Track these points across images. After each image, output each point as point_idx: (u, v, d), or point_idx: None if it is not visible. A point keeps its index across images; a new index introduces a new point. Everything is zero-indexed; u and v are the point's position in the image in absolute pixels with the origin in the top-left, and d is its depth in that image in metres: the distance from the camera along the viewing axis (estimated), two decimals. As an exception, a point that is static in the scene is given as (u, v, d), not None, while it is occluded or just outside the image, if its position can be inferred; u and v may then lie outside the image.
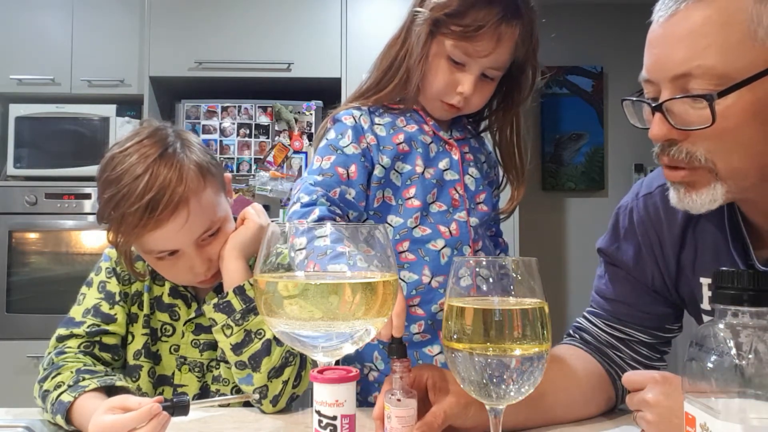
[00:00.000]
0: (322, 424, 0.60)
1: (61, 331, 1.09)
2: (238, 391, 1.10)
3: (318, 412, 0.61)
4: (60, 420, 0.94)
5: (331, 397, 0.60)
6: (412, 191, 1.11)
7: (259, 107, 2.80)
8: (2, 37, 2.96)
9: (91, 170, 2.87)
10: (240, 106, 2.80)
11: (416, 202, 1.11)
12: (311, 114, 2.79)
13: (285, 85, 2.92)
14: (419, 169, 1.12)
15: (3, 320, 2.77)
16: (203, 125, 2.78)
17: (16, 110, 2.93)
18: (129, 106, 2.96)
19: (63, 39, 2.97)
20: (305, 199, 1.03)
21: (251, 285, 1.05)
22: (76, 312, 1.11)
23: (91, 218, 2.82)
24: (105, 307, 1.11)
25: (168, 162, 1.02)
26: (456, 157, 1.15)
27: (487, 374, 0.65)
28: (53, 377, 1.00)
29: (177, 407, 0.87)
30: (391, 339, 0.84)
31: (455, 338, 0.67)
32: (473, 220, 1.14)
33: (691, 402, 0.59)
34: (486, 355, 0.64)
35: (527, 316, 0.65)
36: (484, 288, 0.68)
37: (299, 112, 2.80)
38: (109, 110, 2.93)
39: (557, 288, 3.60)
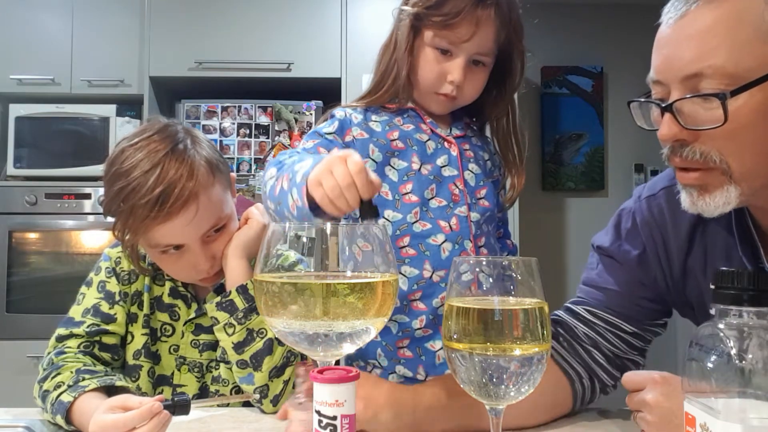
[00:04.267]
0: (322, 424, 0.60)
1: (61, 330, 1.09)
2: (238, 391, 1.10)
3: (318, 412, 0.61)
4: (60, 420, 0.94)
5: (331, 397, 0.60)
6: (409, 187, 1.13)
7: (259, 107, 2.80)
8: (2, 37, 2.96)
9: (91, 170, 2.90)
10: (240, 106, 2.80)
11: (413, 198, 1.12)
12: (311, 114, 2.79)
13: (285, 85, 2.92)
14: (415, 166, 1.13)
15: (3, 320, 2.77)
16: (203, 125, 2.78)
17: (16, 110, 2.92)
18: (129, 106, 2.96)
19: (63, 39, 2.96)
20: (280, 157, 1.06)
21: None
22: (75, 312, 1.11)
23: (92, 218, 2.82)
24: (105, 307, 1.11)
25: (179, 157, 1.02)
26: (455, 153, 1.16)
27: (487, 374, 0.65)
28: (53, 377, 1.00)
29: (178, 406, 0.87)
30: (360, 203, 0.85)
31: (455, 338, 0.67)
32: (474, 215, 1.14)
33: (691, 402, 0.59)
34: (486, 355, 0.64)
35: (527, 316, 0.65)
36: (485, 287, 0.68)
37: (299, 112, 2.79)
38: (109, 110, 2.93)
39: (557, 288, 3.60)
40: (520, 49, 1.16)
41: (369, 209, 0.84)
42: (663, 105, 0.79)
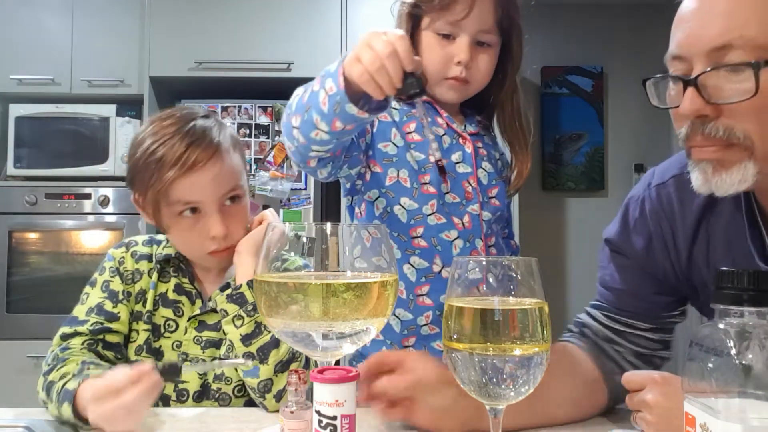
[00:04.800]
0: (322, 424, 0.60)
1: (65, 329, 1.10)
2: (241, 390, 1.11)
3: (318, 412, 0.61)
4: (66, 408, 0.93)
5: (331, 397, 0.60)
6: (427, 178, 1.13)
7: (259, 107, 2.80)
8: (2, 37, 2.96)
9: (91, 170, 2.90)
10: (240, 106, 2.80)
11: (431, 189, 1.13)
12: (311, 114, 2.79)
13: (285, 85, 2.91)
14: (433, 158, 1.13)
15: (3, 320, 2.77)
16: (203, 125, 2.78)
17: (16, 110, 2.93)
18: (129, 106, 2.96)
19: (63, 39, 2.97)
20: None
21: None
22: (79, 311, 1.13)
23: (92, 218, 2.82)
24: (108, 306, 1.12)
25: (207, 124, 1.11)
26: (469, 150, 1.16)
27: (486, 374, 0.65)
28: (58, 369, 1.01)
29: (168, 372, 0.90)
30: (403, 76, 0.83)
31: (455, 338, 0.67)
32: (486, 214, 1.15)
33: (691, 402, 0.59)
34: (486, 356, 0.64)
35: (527, 316, 0.65)
36: (485, 287, 0.68)
37: (299, 112, 2.79)
38: (109, 110, 2.93)
39: (557, 288, 3.60)
40: (518, 27, 1.17)
41: (412, 83, 0.80)
42: (688, 78, 0.76)
